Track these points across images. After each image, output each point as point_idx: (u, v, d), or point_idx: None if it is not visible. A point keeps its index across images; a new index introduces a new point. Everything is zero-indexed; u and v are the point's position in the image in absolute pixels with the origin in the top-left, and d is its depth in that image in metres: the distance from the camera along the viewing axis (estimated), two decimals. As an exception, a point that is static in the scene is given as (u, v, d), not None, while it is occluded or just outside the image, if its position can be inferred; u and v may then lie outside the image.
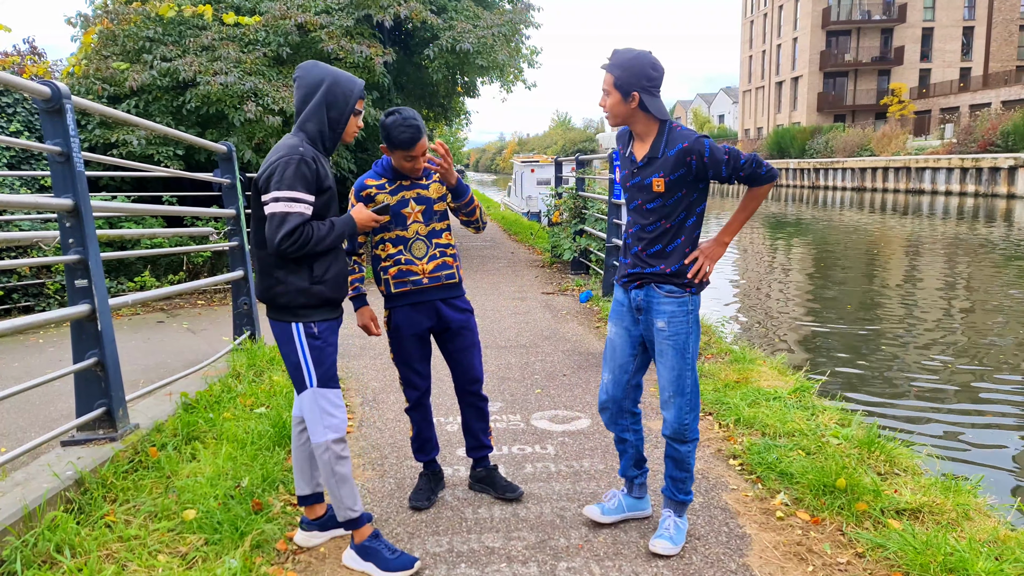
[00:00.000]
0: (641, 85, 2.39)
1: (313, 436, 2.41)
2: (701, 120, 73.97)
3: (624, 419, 2.74)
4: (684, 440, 2.57)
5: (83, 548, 2.40)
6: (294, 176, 2.26)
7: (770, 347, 7.57)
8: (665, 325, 2.50)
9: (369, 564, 2.45)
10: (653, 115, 2.43)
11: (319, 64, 2.42)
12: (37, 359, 5.95)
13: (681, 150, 2.39)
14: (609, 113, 2.48)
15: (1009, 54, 46.64)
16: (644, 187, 2.48)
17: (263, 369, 4.63)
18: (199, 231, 5.47)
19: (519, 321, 6.74)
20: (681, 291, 2.51)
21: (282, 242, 2.25)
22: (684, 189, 2.45)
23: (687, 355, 2.51)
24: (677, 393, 2.53)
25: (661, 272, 2.50)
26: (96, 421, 3.11)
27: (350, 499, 2.45)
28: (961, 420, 5.50)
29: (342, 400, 2.48)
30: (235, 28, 9.90)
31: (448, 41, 10.80)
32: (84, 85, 9.34)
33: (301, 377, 2.42)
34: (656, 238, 2.50)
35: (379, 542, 2.48)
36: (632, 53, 2.42)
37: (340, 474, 2.41)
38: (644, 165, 2.48)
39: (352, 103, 2.42)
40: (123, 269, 8.68)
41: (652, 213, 2.49)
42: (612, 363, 2.69)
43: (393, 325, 2.86)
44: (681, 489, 2.63)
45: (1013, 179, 26.01)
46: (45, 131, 2.94)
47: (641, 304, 2.57)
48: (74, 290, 3.05)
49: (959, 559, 2.30)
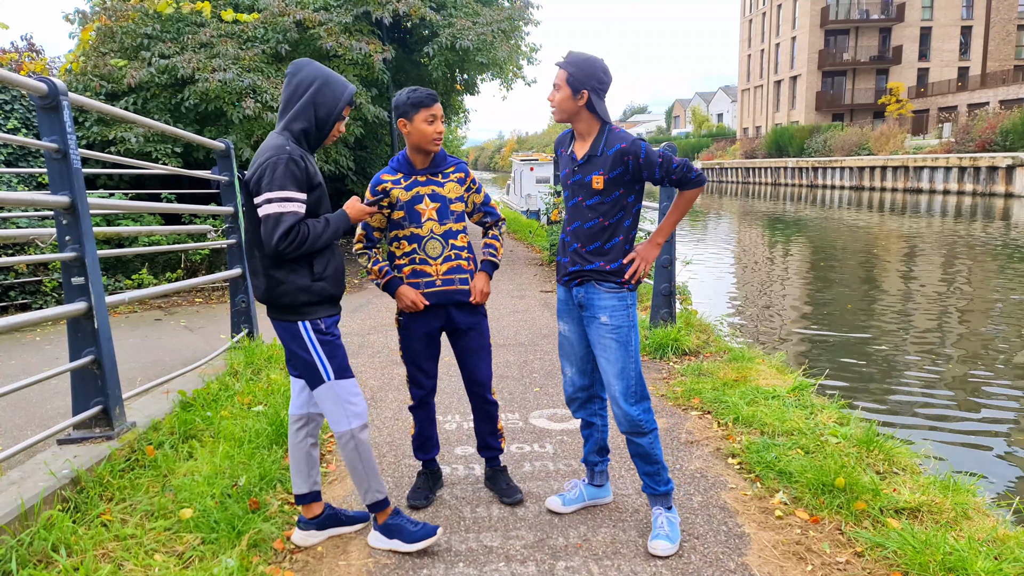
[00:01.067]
0: (591, 85, 2.51)
1: (337, 426, 2.44)
2: (700, 119, 73.92)
3: (593, 404, 2.84)
4: (642, 432, 2.59)
5: (79, 547, 2.39)
6: (284, 175, 2.25)
7: (769, 346, 7.57)
8: (608, 319, 2.57)
9: (395, 541, 2.56)
10: (597, 115, 2.55)
11: (313, 63, 2.40)
12: (34, 357, 5.94)
13: (619, 150, 2.51)
14: (556, 108, 2.58)
15: (1007, 53, 46.66)
16: (584, 184, 2.57)
17: (261, 367, 4.61)
18: (197, 229, 5.45)
19: (518, 319, 6.73)
20: (619, 288, 2.59)
21: (279, 242, 2.24)
22: (622, 188, 2.55)
23: (630, 347, 2.58)
24: (624, 386, 2.57)
25: (600, 269, 2.58)
26: (93, 419, 3.10)
27: (376, 483, 2.52)
28: (960, 419, 5.50)
29: (359, 388, 2.51)
30: (233, 25, 9.88)
31: (448, 38, 10.78)
32: (82, 82, 9.32)
33: (316, 374, 2.42)
34: (595, 235, 2.58)
35: (401, 518, 2.59)
36: (587, 56, 2.54)
37: (367, 459, 2.48)
38: (584, 163, 2.57)
39: (341, 107, 2.41)
40: (121, 267, 8.66)
41: (591, 210, 2.58)
42: (572, 357, 2.77)
43: (403, 323, 2.84)
44: (658, 481, 2.65)
45: (1011, 178, 26.02)
46: (42, 128, 2.93)
47: (583, 301, 2.63)
48: (71, 288, 3.04)
49: (958, 558, 2.30)
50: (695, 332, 5.58)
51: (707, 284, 11.53)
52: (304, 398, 2.61)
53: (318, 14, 10.21)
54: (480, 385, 2.92)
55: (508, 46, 11.61)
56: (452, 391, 4.51)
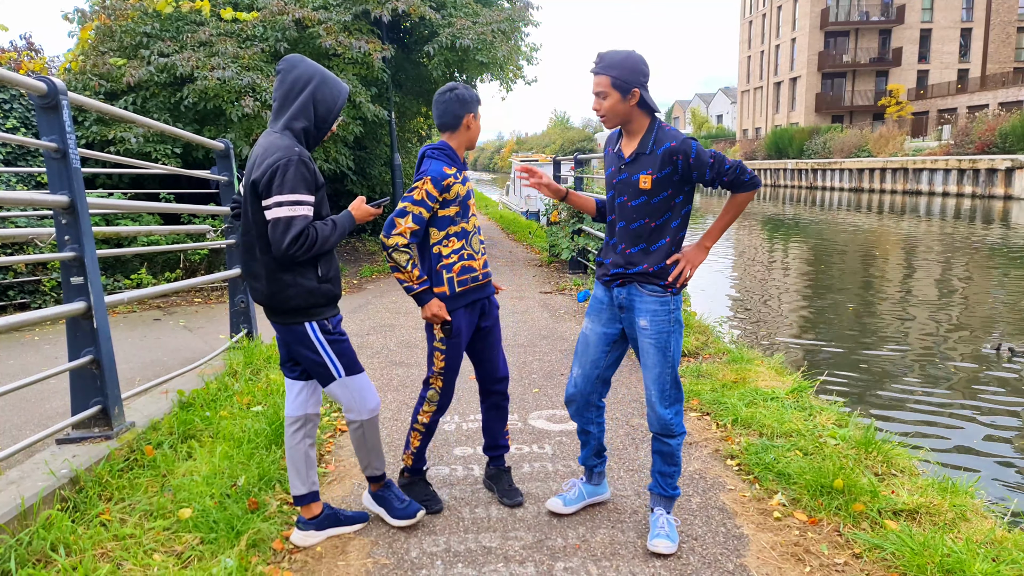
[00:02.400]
0: (639, 81, 2.43)
1: (350, 414, 2.56)
2: (699, 120, 73.93)
3: (590, 412, 2.81)
4: (672, 435, 2.60)
5: (78, 547, 2.39)
6: (296, 178, 2.23)
7: (768, 347, 7.57)
8: (647, 324, 2.53)
9: (381, 509, 2.79)
10: (649, 109, 2.47)
11: (305, 59, 2.38)
12: (33, 356, 5.93)
13: (669, 149, 2.42)
14: (608, 114, 2.48)
15: (1007, 56, 46.70)
16: (631, 184, 2.50)
17: (260, 367, 4.61)
18: (196, 229, 5.44)
19: (517, 320, 6.73)
20: (663, 291, 2.52)
21: (290, 246, 2.23)
22: (670, 189, 2.47)
23: (668, 353, 2.54)
24: (659, 391, 2.56)
25: (644, 271, 2.52)
26: (92, 419, 3.10)
27: (377, 461, 2.72)
28: (958, 421, 5.51)
29: (369, 380, 2.61)
30: (233, 24, 9.87)
31: (447, 38, 10.77)
32: (81, 81, 9.31)
33: (327, 372, 2.46)
34: (640, 237, 2.52)
35: (390, 492, 2.79)
36: (623, 53, 2.45)
37: (372, 442, 2.65)
38: (632, 162, 2.50)
39: (341, 104, 2.41)
40: (120, 266, 8.65)
41: (636, 211, 2.51)
42: (583, 357, 2.73)
43: (455, 329, 2.68)
44: (670, 484, 2.65)
45: (1010, 180, 26.04)
46: (41, 127, 2.92)
47: (623, 303, 2.60)
48: (70, 287, 3.03)
49: (956, 560, 2.30)
50: (694, 334, 5.59)
51: (706, 286, 11.53)
52: (302, 400, 2.61)
53: (317, 13, 10.20)
54: (504, 380, 2.91)
55: (508, 46, 11.60)
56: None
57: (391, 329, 6.60)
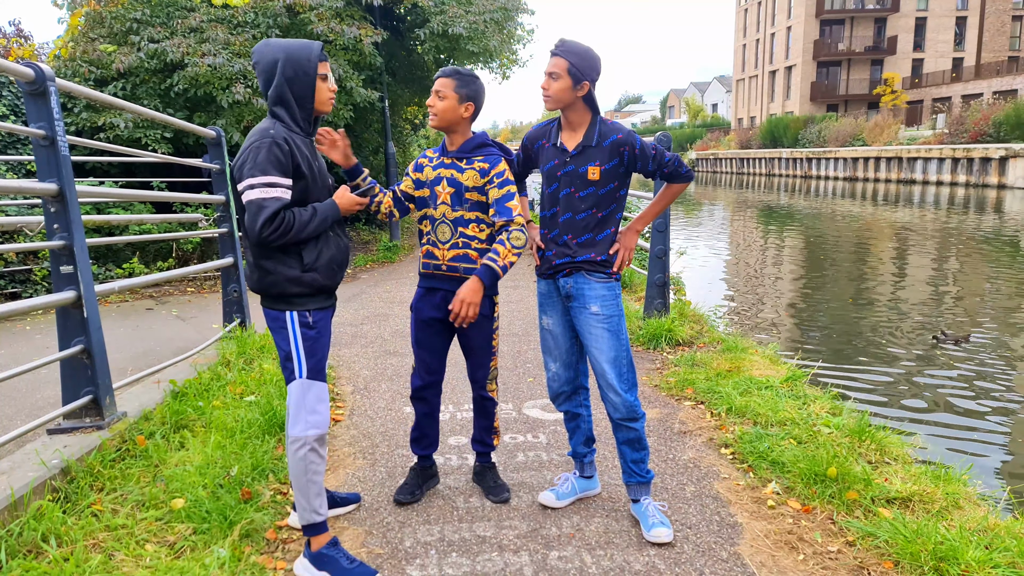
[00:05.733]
0: (591, 77, 2.50)
1: (293, 429, 2.29)
2: (695, 109, 73.78)
3: (579, 395, 2.84)
4: (636, 418, 2.62)
5: (69, 537, 2.37)
6: (267, 160, 2.15)
7: (762, 336, 7.59)
8: (599, 309, 2.58)
9: (323, 574, 2.30)
10: (592, 106, 2.54)
11: (271, 42, 2.28)
12: (24, 346, 5.89)
13: (616, 141, 2.52)
14: (553, 96, 2.52)
15: (1001, 44, 46.71)
16: (578, 175, 2.55)
17: (253, 357, 4.59)
18: (188, 217, 5.40)
19: (511, 309, 6.72)
20: (607, 277, 2.61)
21: (263, 230, 2.14)
22: (616, 180, 2.56)
23: (621, 336, 2.59)
24: (617, 374, 2.58)
25: (592, 260, 2.58)
26: (83, 409, 3.08)
27: (317, 500, 2.31)
28: (952, 409, 5.54)
29: (328, 396, 2.38)
30: (223, 10, 9.77)
31: (439, 25, 10.69)
32: (70, 68, 9.21)
33: (291, 367, 2.35)
34: (588, 227, 2.59)
35: (337, 550, 2.34)
36: (584, 46, 2.52)
37: (313, 472, 2.29)
38: (578, 154, 2.56)
39: (313, 70, 2.26)
40: (111, 255, 8.59)
41: (584, 202, 2.56)
42: (557, 351, 2.76)
43: (412, 305, 2.84)
44: (644, 469, 2.69)
45: (1004, 170, 26.10)
46: (29, 114, 2.88)
47: (572, 292, 2.62)
48: (59, 276, 3.00)
49: (949, 548, 2.31)
50: (688, 323, 5.59)
51: (701, 275, 11.54)
52: None
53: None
54: (474, 381, 2.89)
55: (500, 36, 11.53)
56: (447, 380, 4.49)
57: (385, 319, 6.58)
